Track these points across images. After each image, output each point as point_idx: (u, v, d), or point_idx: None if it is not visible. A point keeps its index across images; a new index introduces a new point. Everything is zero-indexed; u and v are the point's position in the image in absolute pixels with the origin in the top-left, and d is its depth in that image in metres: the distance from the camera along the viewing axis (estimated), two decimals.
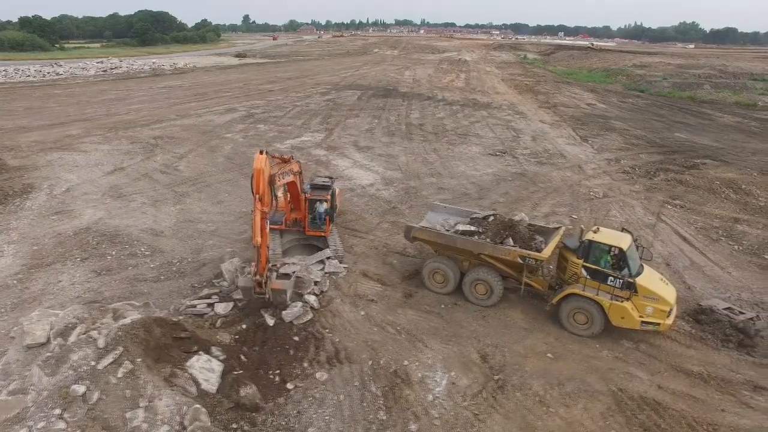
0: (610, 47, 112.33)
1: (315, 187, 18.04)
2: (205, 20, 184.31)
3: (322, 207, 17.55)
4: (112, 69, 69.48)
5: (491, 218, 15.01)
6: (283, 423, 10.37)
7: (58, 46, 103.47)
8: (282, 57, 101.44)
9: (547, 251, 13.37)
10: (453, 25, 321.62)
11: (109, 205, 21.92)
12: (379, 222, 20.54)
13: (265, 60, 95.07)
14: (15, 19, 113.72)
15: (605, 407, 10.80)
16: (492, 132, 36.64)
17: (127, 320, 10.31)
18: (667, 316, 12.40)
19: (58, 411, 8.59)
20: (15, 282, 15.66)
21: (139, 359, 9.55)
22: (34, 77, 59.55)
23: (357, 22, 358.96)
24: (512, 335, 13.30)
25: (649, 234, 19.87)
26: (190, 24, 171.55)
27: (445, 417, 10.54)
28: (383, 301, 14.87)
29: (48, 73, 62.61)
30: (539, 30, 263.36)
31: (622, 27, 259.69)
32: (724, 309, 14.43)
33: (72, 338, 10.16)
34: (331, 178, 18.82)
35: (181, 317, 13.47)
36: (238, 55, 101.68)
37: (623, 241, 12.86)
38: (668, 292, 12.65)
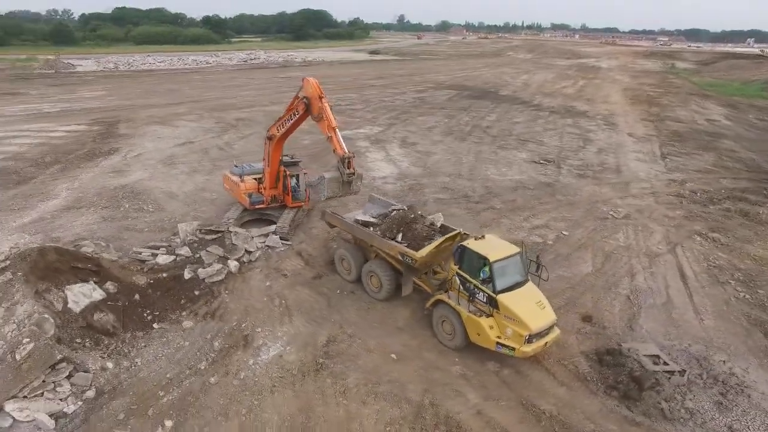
0: None
1: (287, 164, 19.49)
2: (358, 18, 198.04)
3: (292, 181, 19.20)
4: (251, 60, 79.42)
5: (393, 212, 14.77)
6: (125, 350, 12.01)
7: (227, 40, 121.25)
8: (411, 55, 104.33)
9: (423, 252, 12.80)
10: (615, 30, 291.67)
11: (157, 169, 26.07)
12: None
13: (394, 57, 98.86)
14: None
15: (400, 415, 10.30)
16: (559, 141, 33.89)
17: (27, 245, 12.93)
18: (527, 342, 11.09)
19: None
20: (50, 217, 19.97)
21: (20, 273, 12.03)
22: (190, 65, 71.12)
23: (511, 24, 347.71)
24: (379, 330, 13.11)
25: (644, 262, 17.19)
26: (348, 22, 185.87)
27: (247, 380, 11.15)
28: (292, 278, 15.66)
29: (201, 62, 74.24)
30: (723, 36, 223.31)
31: None
32: (649, 355, 12.27)
33: (3, 252, 13.11)
34: (286, 155, 19.93)
35: (126, 259, 16.07)
36: (372, 52, 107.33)
37: (494, 252, 11.74)
38: (535, 317, 11.23)
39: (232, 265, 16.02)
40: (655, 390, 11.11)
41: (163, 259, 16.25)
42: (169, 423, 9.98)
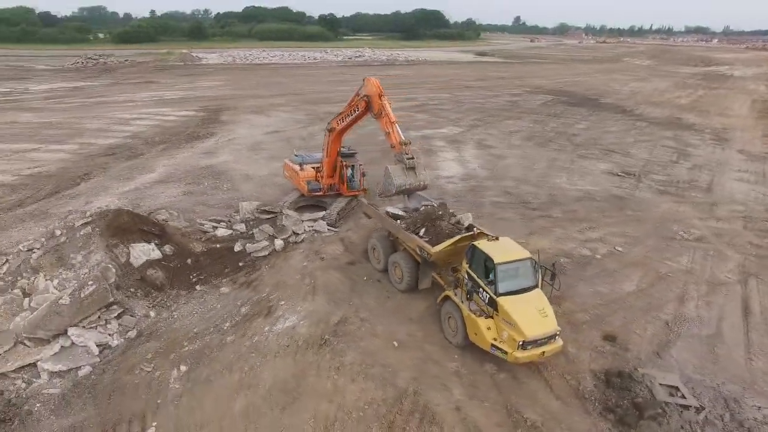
0: None
1: (344, 155, 20.66)
2: (471, 19, 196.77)
3: (348, 171, 20.56)
4: (356, 57, 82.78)
5: (422, 208, 15.06)
6: (168, 304, 13.90)
7: (340, 38, 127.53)
8: (519, 58, 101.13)
9: (438, 248, 13.01)
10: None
11: (242, 154, 28.86)
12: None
13: (500, 60, 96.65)
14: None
15: (382, 397, 10.76)
16: (648, 153, 31.26)
17: (105, 206, 15.38)
18: (520, 348, 10.91)
19: (43, 240, 14.17)
20: (144, 188, 23.22)
21: (98, 229, 14.45)
22: (299, 61, 76.15)
23: (637, 28, 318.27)
24: (390, 318, 13.58)
25: (702, 290, 15.62)
26: (461, 23, 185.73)
27: (258, 344, 12.33)
28: (328, 261, 16.69)
29: (311, 58, 79.10)
30: None
31: None
32: (667, 385, 11.42)
33: (90, 210, 15.81)
34: (344, 147, 20.90)
35: (190, 228, 18.31)
36: (480, 54, 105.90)
37: (502, 254, 11.63)
38: (533, 325, 10.95)
39: (278, 243, 17.50)
40: (657, 421, 10.36)
41: (221, 231, 18.24)
42: (184, 367, 11.49)
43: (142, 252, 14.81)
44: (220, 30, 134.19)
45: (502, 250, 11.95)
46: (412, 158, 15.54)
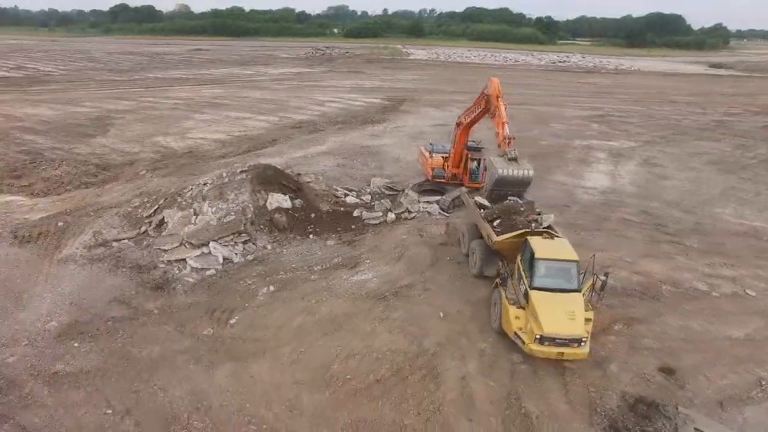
0: None
1: (471, 149, 21.88)
2: (720, 25, 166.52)
3: (473, 164, 21.66)
4: (559, 62, 79.34)
5: (508, 201, 15.60)
6: (284, 243, 17.58)
7: (554, 41, 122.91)
8: (764, 72, 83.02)
9: (501, 237, 13.64)
10: None
11: (401, 139, 32.22)
12: None
13: (738, 73, 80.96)
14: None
15: (404, 349, 12.18)
16: None
17: (257, 162, 19.81)
18: (537, 342, 11.13)
19: (215, 179, 19.27)
20: (311, 156, 28.07)
21: (250, 176, 18.92)
22: (499, 62, 76.89)
23: None
24: (451, 295, 14.66)
25: None
26: (707, 29, 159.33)
27: (332, 286, 14.95)
28: (425, 239, 18.32)
29: (512, 59, 79.25)
30: None
31: None
32: None
33: (249, 163, 20.62)
34: (472, 141, 21.83)
35: (325, 191, 21.99)
36: (714, 65, 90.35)
37: (545, 251, 11.82)
38: (554, 323, 10.95)
39: (390, 216, 19.93)
40: None
41: (349, 199, 21.51)
42: (272, 288, 14.82)
43: (277, 200, 18.81)
44: (437, 29, 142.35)
45: (550, 248, 12.21)
46: (515, 150, 16.33)
